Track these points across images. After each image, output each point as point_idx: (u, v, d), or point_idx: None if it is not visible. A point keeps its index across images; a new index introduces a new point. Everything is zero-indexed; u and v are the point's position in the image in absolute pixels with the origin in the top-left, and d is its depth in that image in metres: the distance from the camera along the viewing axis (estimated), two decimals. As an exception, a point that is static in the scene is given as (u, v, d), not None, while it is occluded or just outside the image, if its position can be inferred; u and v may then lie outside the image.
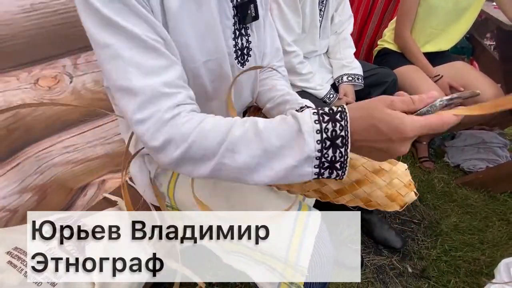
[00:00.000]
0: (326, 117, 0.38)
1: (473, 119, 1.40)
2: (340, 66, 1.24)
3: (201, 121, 0.42)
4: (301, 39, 1.13)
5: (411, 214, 1.35)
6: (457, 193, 1.45)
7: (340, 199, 0.52)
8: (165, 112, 0.41)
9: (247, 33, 0.61)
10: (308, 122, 0.38)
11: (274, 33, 0.74)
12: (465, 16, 1.34)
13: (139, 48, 0.41)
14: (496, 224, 1.30)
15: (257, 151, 0.39)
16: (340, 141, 0.37)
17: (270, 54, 0.72)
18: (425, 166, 1.58)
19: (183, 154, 0.41)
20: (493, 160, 1.54)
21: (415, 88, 1.36)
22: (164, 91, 0.42)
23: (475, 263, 1.14)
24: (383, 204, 0.49)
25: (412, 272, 1.12)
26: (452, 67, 1.41)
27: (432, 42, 1.42)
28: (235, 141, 0.40)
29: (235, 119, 0.43)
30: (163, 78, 0.42)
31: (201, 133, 0.41)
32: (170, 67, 0.44)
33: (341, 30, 1.26)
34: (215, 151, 0.40)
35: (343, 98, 1.20)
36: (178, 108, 0.43)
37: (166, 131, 0.41)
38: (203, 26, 0.51)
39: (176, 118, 0.42)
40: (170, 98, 0.42)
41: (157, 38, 0.43)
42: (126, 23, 0.40)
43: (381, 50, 1.56)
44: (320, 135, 0.37)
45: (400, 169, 0.49)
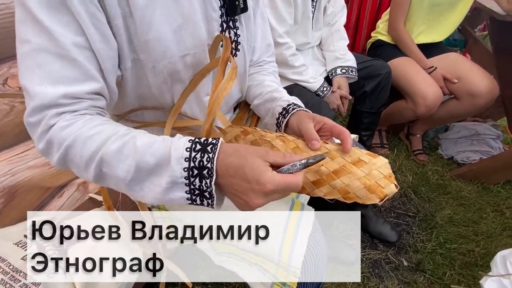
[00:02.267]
0: (198, 146, 0.39)
1: (466, 111, 1.39)
2: (334, 58, 1.22)
3: (83, 126, 0.41)
4: (293, 30, 1.10)
5: (406, 207, 1.35)
6: (451, 185, 1.45)
7: (317, 191, 0.49)
8: (50, 118, 0.41)
9: (236, 25, 0.58)
10: (179, 149, 0.38)
11: (266, 27, 0.71)
12: (458, 6, 1.33)
13: (54, 55, 0.40)
14: (490, 215, 1.30)
15: (131, 167, 0.39)
16: (206, 172, 0.38)
17: (260, 49, 0.69)
18: (419, 159, 1.58)
19: (62, 157, 0.41)
20: (486, 151, 1.55)
21: (409, 79, 1.35)
22: (60, 102, 0.41)
23: (470, 255, 1.14)
24: (362, 196, 0.47)
25: (408, 266, 1.12)
26: (446, 58, 1.40)
27: (425, 33, 1.41)
28: (110, 154, 0.39)
29: (118, 129, 0.42)
30: (66, 89, 0.41)
31: (79, 139, 0.40)
32: (82, 81, 0.42)
33: (334, 22, 1.24)
34: (91, 159, 0.40)
35: (337, 91, 1.18)
36: (64, 114, 0.41)
37: (49, 135, 0.41)
38: (179, 18, 0.48)
39: (59, 122, 0.41)
40: (62, 108, 0.41)
41: (84, 44, 0.41)
42: (51, 22, 0.38)
43: (374, 42, 1.54)
44: (188, 163, 0.38)
45: (380, 162, 0.48)
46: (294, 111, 0.58)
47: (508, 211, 1.32)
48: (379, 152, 1.62)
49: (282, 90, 0.67)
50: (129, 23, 0.44)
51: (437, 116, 1.43)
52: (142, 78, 0.51)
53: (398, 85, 1.39)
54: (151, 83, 0.51)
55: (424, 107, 1.32)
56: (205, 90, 0.58)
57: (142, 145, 0.39)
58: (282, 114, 0.59)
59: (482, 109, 1.37)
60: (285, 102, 0.61)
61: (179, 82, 0.53)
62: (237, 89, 0.67)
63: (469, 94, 1.32)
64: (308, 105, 1.08)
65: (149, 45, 0.46)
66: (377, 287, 1.05)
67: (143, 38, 0.46)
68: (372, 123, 1.33)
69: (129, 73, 0.49)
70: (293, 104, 0.60)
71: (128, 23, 0.44)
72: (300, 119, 0.55)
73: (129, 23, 0.44)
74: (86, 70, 0.42)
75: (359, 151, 0.49)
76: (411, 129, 1.66)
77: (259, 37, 0.68)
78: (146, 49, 0.47)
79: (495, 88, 1.30)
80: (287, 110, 0.59)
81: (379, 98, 1.26)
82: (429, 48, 1.42)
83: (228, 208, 0.56)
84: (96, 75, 0.43)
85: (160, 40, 0.47)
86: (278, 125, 0.61)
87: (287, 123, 0.58)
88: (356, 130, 1.32)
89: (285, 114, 0.59)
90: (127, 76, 0.49)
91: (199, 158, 0.38)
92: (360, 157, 0.48)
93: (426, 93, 1.30)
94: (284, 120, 0.59)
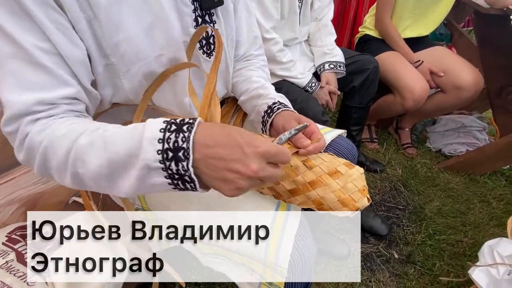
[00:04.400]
0: (173, 126, 0.35)
1: (452, 104, 1.41)
2: (322, 53, 1.22)
3: (57, 127, 0.39)
4: (280, 26, 1.09)
5: (396, 200, 1.36)
6: (440, 178, 1.47)
7: (293, 199, 0.50)
8: (25, 125, 0.39)
9: (212, 20, 0.55)
10: (152, 130, 0.35)
11: (252, 19, 0.68)
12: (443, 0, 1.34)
13: (22, 61, 0.38)
14: (477, 206, 1.33)
15: (104, 160, 0.36)
16: (182, 154, 0.34)
17: (246, 42, 0.67)
18: (408, 152, 1.60)
19: (41, 163, 0.39)
20: (472, 143, 1.58)
21: (396, 73, 1.36)
22: (34, 109, 0.39)
23: (459, 245, 1.16)
24: (335, 208, 0.48)
25: (399, 258, 1.13)
26: (432, 52, 1.42)
27: (412, 27, 1.42)
28: (82, 150, 0.37)
29: (89, 125, 0.39)
30: (39, 96, 0.39)
31: (54, 139, 0.38)
32: (54, 86, 0.40)
33: (321, 17, 1.23)
34: (65, 160, 0.38)
35: (326, 86, 1.18)
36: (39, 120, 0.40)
37: (26, 142, 0.39)
38: (149, 16, 0.45)
39: (34, 128, 0.39)
40: (36, 114, 0.39)
41: (51, 50, 0.39)
42: (14, 29, 0.36)
43: (362, 37, 1.54)
44: (162, 145, 0.34)
45: (356, 173, 0.48)
46: (279, 111, 0.57)
47: (494, 201, 1.35)
48: (369, 147, 1.64)
49: (270, 86, 0.65)
50: (95, 26, 0.42)
51: (424, 109, 1.45)
52: (117, 83, 0.48)
53: (385, 79, 1.40)
54: (126, 88, 0.49)
55: (412, 101, 1.33)
56: (184, 91, 0.55)
57: (112, 134, 0.37)
58: (267, 113, 0.58)
59: (468, 101, 1.39)
60: (270, 100, 0.59)
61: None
62: (221, 85, 0.65)
63: (455, 87, 1.34)
64: (297, 101, 1.08)
65: (120, 47, 0.44)
66: (368, 280, 1.05)
67: (112, 40, 0.43)
68: (361, 118, 1.33)
69: (101, 77, 0.46)
70: (278, 103, 0.58)
71: (94, 26, 0.42)
72: (286, 121, 0.54)
73: (95, 26, 0.42)
74: (58, 76, 0.40)
75: (337, 160, 0.50)
76: (400, 123, 1.68)
77: (244, 30, 0.65)
78: (117, 51, 0.44)
79: (480, 81, 1.32)
80: (272, 109, 0.57)
81: (367, 93, 1.26)
82: (416, 42, 1.43)
83: (217, 208, 0.55)
84: (69, 80, 0.41)
85: (131, 40, 0.44)
86: (263, 123, 0.60)
87: (271, 122, 0.57)
88: (345, 125, 1.32)
89: (270, 113, 0.58)
90: (100, 80, 0.47)
91: (174, 139, 0.34)
92: (337, 168, 0.48)
93: (413, 87, 1.32)
94: (269, 119, 0.57)
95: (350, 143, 0.69)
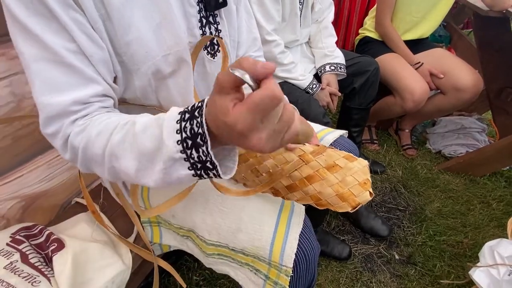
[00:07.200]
0: (187, 115, 0.34)
1: (452, 105, 1.42)
2: (322, 55, 1.22)
3: (93, 126, 0.41)
4: (281, 28, 1.10)
5: (396, 201, 1.36)
6: (440, 179, 1.47)
7: (291, 196, 0.49)
8: (66, 127, 0.41)
9: (216, 21, 0.56)
10: (170, 123, 0.35)
11: (251, 21, 0.69)
12: (443, 1, 1.35)
13: (50, 62, 0.39)
14: (477, 207, 1.33)
15: (135, 154, 0.37)
16: (200, 139, 0.33)
17: (246, 43, 0.68)
18: (408, 153, 1.60)
19: (82, 160, 0.42)
20: (472, 145, 1.58)
21: (397, 75, 1.37)
22: (71, 109, 0.41)
23: (459, 246, 1.17)
24: (333, 204, 0.45)
25: (399, 259, 1.13)
26: (432, 54, 1.42)
27: (412, 30, 1.43)
28: (116, 146, 0.38)
29: (119, 119, 0.41)
30: (72, 96, 0.40)
31: (89, 140, 0.40)
32: (84, 85, 0.41)
33: (322, 19, 1.24)
34: (102, 157, 0.40)
35: (326, 88, 1.18)
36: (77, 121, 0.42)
37: (69, 143, 0.42)
38: (158, 17, 0.46)
39: (74, 129, 0.41)
40: (75, 114, 0.41)
41: (77, 50, 0.40)
42: (41, 31, 0.37)
43: (362, 39, 1.55)
44: (180, 135, 0.34)
45: (358, 166, 0.45)
46: None
47: (494, 202, 1.35)
48: (370, 148, 1.64)
49: None
50: (108, 26, 0.43)
51: (424, 111, 1.46)
52: (128, 81, 0.49)
53: (386, 81, 1.41)
54: (136, 86, 0.50)
55: (412, 102, 1.34)
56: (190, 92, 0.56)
57: (139, 131, 0.37)
58: None
59: (467, 103, 1.39)
60: None
61: (162, 81, 0.52)
62: None
63: (454, 89, 1.34)
64: (298, 102, 1.09)
65: (131, 46, 0.45)
66: (369, 281, 1.06)
67: (124, 39, 0.44)
68: (361, 119, 1.34)
69: (120, 75, 0.48)
70: None
71: (107, 25, 0.43)
72: None
73: (108, 25, 0.43)
74: (86, 74, 0.41)
75: (337, 153, 0.47)
76: (400, 124, 1.68)
77: (244, 30, 0.66)
78: (128, 51, 0.45)
79: (480, 82, 1.33)
80: None
81: (368, 95, 1.27)
82: (416, 44, 1.44)
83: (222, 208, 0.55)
84: (97, 78, 0.43)
85: (141, 40, 0.45)
86: None
87: None
88: (346, 127, 1.33)
89: None
90: (119, 78, 0.48)
91: (189, 126, 0.33)
92: (336, 161, 0.45)
93: (413, 88, 1.32)
94: None
95: (351, 143, 0.69)
